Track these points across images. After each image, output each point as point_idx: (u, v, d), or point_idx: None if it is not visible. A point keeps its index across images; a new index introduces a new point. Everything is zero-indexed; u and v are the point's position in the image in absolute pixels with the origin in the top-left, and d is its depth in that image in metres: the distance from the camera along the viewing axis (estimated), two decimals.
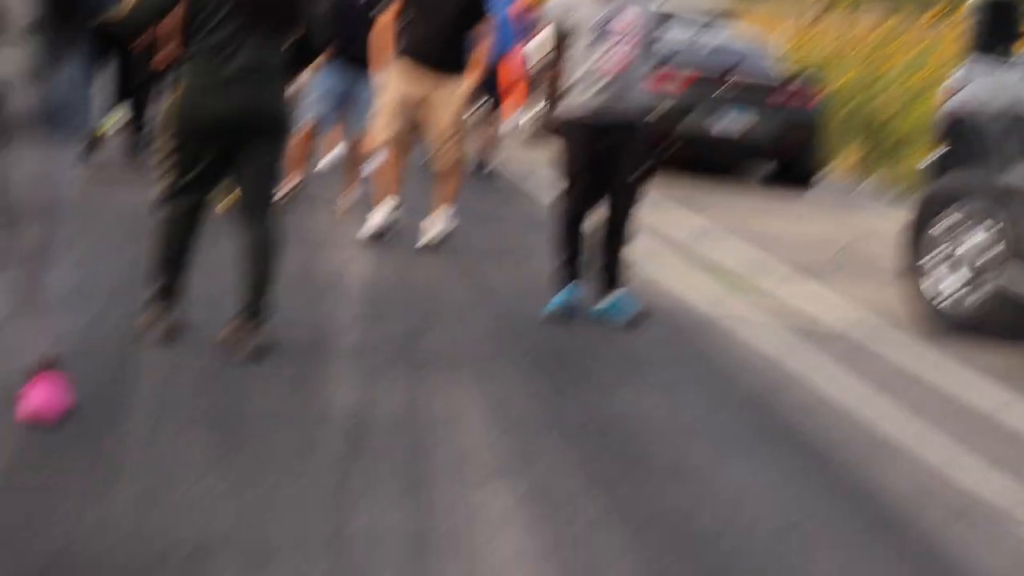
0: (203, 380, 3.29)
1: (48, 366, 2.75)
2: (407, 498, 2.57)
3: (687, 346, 4.33)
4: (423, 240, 5.35)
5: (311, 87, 5.74)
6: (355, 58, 5.48)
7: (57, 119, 2.62)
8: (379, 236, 5.30)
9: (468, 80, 5.14)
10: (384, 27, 5.18)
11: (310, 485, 2.59)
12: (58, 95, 2.61)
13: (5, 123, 2.56)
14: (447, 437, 3.00)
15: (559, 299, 4.31)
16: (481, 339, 4.11)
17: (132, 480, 2.47)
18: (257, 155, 3.41)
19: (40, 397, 2.71)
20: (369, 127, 5.46)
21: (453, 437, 3.01)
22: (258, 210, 3.51)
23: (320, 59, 4.45)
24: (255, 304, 3.46)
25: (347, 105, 5.82)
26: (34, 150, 2.62)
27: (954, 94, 5.05)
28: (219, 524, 2.28)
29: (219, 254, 4.08)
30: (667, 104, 7.72)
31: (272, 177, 3.57)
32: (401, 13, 5.07)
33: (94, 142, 6.06)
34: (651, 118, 4.46)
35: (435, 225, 5.34)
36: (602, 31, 4.00)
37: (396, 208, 5.33)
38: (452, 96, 5.06)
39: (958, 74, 5.10)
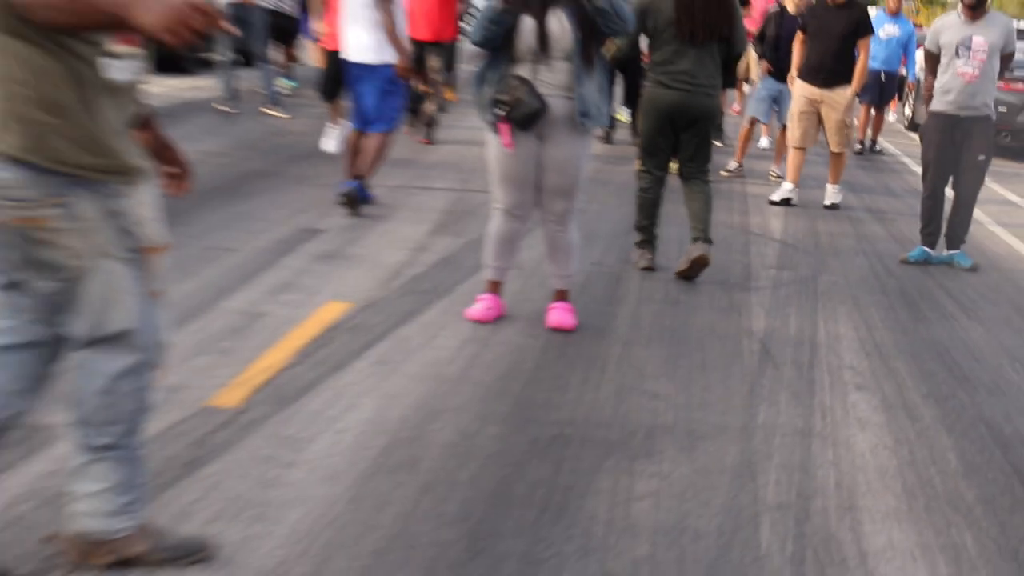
0: (664, 305, 4.61)
1: (563, 295, 4.16)
2: (797, 400, 3.59)
3: (1014, 290, 5.49)
4: (826, 201, 7.19)
5: (753, 93, 8.62)
6: (781, 73, 7.67)
7: (587, 117, 3.83)
8: (786, 202, 7.13)
9: (852, 87, 6.88)
10: (795, 51, 7.24)
11: (732, 387, 3.66)
12: (590, 99, 3.79)
13: (548, 122, 3.77)
14: (829, 355, 4.11)
15: (917, 251, 5.79)
16: (860, 279, 5.42)
17: (612, 378, 3.70)
18: (693, 137, 4.89)
19: (558, 315, 4.10)
20: (787, 126, 7.57)
21: (833, 356, 4.12)
22: (697, 174, 5.00)
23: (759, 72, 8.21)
24: (702, 231, 4.88)
25: (776, 107, 8.20)
26: (565, 142, 3.86)
27: None
28: (666, 414, 3.39)
29: (676, 210, 5.45)
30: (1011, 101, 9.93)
31: (704, 152, 5.01)
32: (803, 40, 7.11)
33: (609, 132, 8.96)
34: (997, 113, 5.84)
35: (831, 193, 7.22)
36: (961, 49, 5.38)
37: (795, 188, 7.17)
38: (840, 101, 6.88)
39: None
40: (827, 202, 7.13)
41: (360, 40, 5.47)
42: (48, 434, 2.61)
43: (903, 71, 10.55)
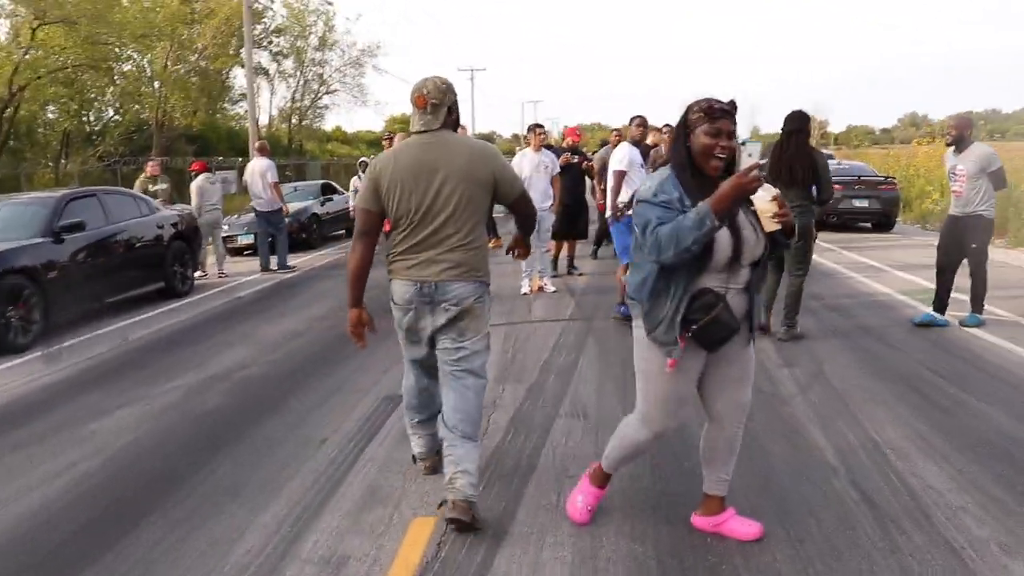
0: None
1: (722, 500, 3.47)
2: None
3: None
4: None
5: None
6: None
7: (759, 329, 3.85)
8: None
9: None
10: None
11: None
12: (758, 306, 3.33)
13: None
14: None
15: (925, 315, 7.29)
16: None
17: None
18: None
19: (742, 525, 3.40)
20: None
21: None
22: (796, 270, 6.85)
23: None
24: (793, 314, 6.90)
25: None
26: (741, 355, 3.24)
27: None
28: None
29: None
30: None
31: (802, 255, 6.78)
32: None
33: None
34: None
35: None
36: (952, 173, 7.04)
37: None
38: None
39: None
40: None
41: None
42: None
43: None
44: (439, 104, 3.52)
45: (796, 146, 6.46)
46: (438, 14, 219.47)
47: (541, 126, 9.35)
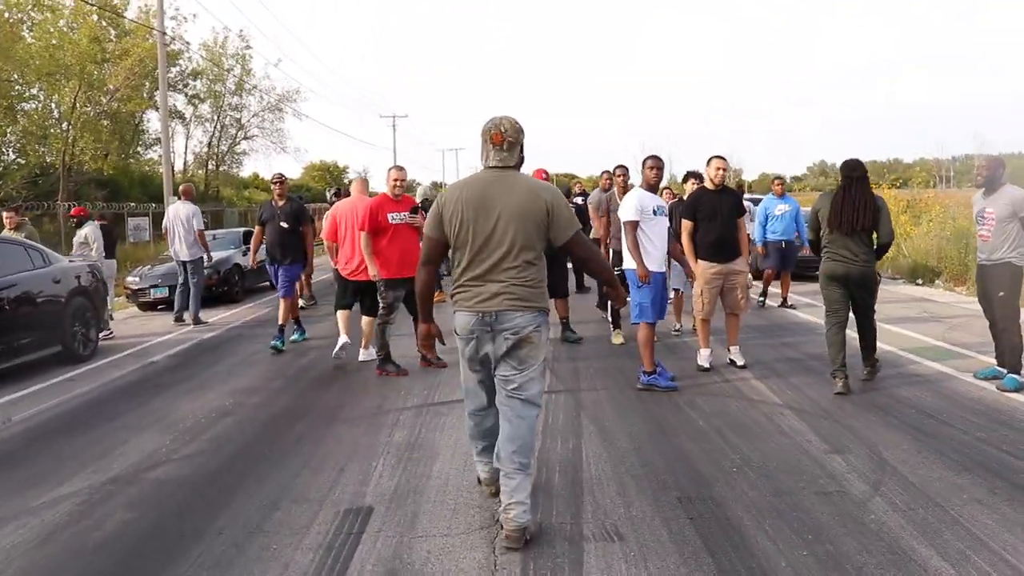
0: None
1: None
2: None
3: None
4: (738, 361, 7.48)
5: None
6: None
7: None
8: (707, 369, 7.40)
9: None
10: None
11: None
12: None
13: None
14: None
15: (989, 370, 6.72)
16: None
17: None
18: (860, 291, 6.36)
19: None
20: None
21: None
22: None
23: None
24: (872, 355, 6.62)
25: None
26: None
27: None
28: None
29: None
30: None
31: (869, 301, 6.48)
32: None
33: None
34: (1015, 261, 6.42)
35: (736, 353, 7.58)
36: (980, 217, 6.52)
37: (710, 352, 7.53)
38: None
39: None
40: (739, 363, 7.36)
41: None
42: None
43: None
44: (514, 143, 3.72)
45: (863, 192, 6.29)
46: (362, 58, 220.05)
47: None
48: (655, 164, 6.63)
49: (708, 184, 7.27)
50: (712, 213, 7.11)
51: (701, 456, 4.85)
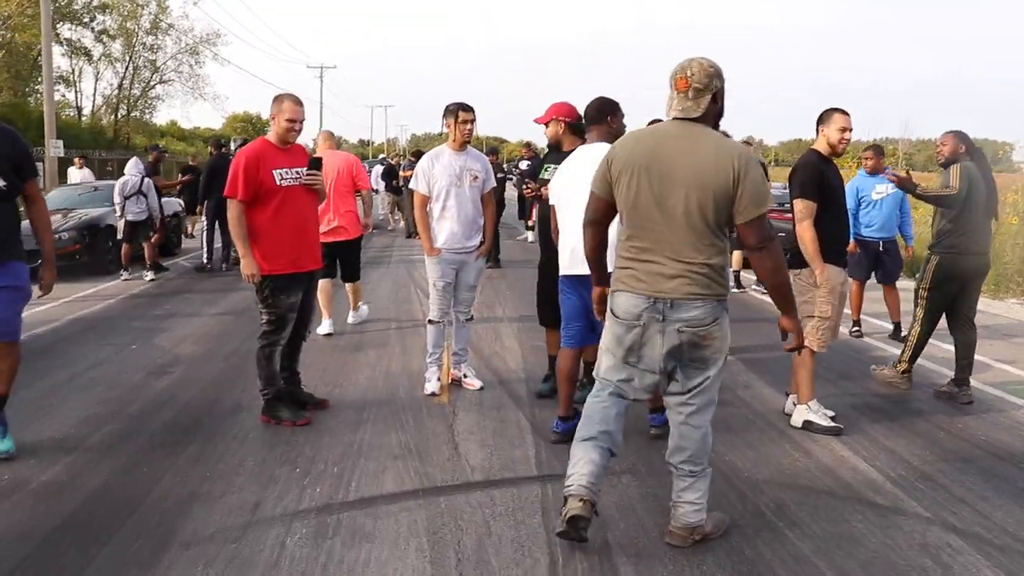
0: None
1: None
2: None
3: None
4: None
5: None
6: None
7: None
8: None
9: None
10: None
11: None
12: None
13: None
14: None
15: None
16: None
17: None
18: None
19: None
20: None
21: None
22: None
23: None
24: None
25: None
26: None
27: None
28: None
29: None
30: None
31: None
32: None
33: None
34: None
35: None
36: None
37: None
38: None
39: None
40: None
41: None
42: None
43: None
44: (703, 89, 3.00)
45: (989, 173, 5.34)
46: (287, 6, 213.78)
47: (469, 109, 5.16)
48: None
49: (823, 149, 4.73)
50: (837, 194, 4.77)
51: None
